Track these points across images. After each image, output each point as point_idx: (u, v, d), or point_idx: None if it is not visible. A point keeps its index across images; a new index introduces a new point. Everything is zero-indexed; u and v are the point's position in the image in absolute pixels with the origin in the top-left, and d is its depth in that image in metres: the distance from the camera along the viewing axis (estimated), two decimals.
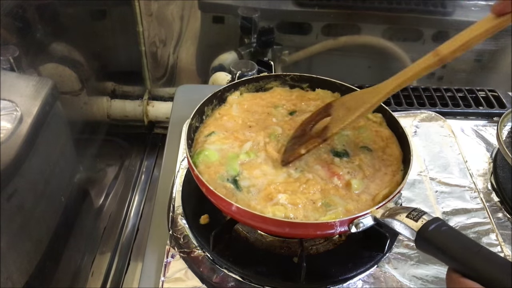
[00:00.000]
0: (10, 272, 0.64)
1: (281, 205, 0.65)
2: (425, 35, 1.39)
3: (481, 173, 0.93)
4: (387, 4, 1.35)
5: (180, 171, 0.87)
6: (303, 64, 1.47)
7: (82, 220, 0.95)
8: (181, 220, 0.78)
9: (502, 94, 1.14)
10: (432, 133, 1.00)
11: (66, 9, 0.93)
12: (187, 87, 1.15)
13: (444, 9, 1.34)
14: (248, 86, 0.87)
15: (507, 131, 0.94)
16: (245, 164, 0.72)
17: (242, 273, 0.70)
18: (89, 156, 1.03)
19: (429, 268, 0.72)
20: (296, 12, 1.37)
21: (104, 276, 1.03)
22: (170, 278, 0.70)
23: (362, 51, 1.44)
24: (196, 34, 1.44)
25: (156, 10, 1.36)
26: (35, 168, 0.72)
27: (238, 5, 1.35)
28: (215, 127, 0.79)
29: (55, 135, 0.81)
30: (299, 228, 0.64)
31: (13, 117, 0.65)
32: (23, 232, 0.69)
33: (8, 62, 0.68)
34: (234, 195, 0.67)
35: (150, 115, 1.45)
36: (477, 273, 0.50)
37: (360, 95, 0.72)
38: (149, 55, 1.45)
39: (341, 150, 0.75)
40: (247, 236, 0.75)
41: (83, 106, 1.00)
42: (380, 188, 0.69)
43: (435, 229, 0.55)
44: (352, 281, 0.70)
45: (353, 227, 0.61)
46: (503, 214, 0.84)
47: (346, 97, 0.75)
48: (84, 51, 1.00)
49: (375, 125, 0.80)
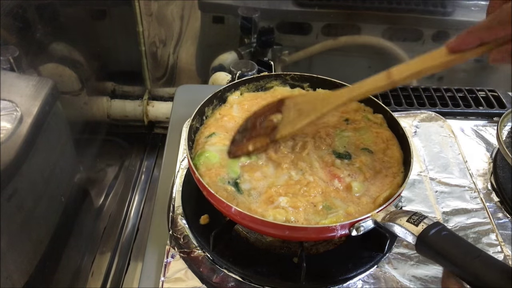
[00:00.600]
0: (10, 272, 0.64)
1: (282, 208, 0.65)
2: (425, 35, 1.39)
3: (481, 173, 0.93)
4: (387, 4, 1.35)
5: (180, 171, 0.87)
6: (303, 64, 1.47)
7: (82, 220, 0.95)
8: (181, 220, 0.78)
9: (502, 94, 1.14)
10: (432, 133, 1.00)
11: (66, 9, 0.93)
12: (187, 87, 1.15)
13: (444, 9, 1.35)
14: (248, 86, 0.87)
15: (507, 131, 0.94)
16: (246, 166, 0.72)
17: (242, 273, 0.70)
18: (89, 156, 1.03)
19: (429, 269, 0.72)
20: (296, 12, 1.37)
21: (104, 276, 1.03)
22: (170, 278, 0.70)
23: (362, 51, 1.44)
24: (196, 34, 1.44)
25: (156, 10, 1.36)
26: (35, 168, 0.72)
27: (238, 5, 1.35)
28: (216, 128, 0.79)
29: (55, 135, 0.81)
30: (300, 231, 0.64)
31: (13, 117, 0.65)
32: (23, 232, 0.69)
33: (8, 62, 0.68)
34: (235, 198, 0.67)
35: (150, 115, 1.45)
36: (477, 278, 0.50)
37: (313, 100, 0.71)
38: (149, 55, 1.45)
39: (343, 151, 0.75)
40: (247, 236, 0.75)
41: (83, 106, 1.00)
42: (381, 191, 0.69)
43: (435, 233, 0.55)
44: (352, 281, 0.70)
45: (353, 231, 0.62)
46: (503, 214, 0.84)
47: (299, 98, 0.74)
48: (84, 51, 1.00)
49: (376, 126, 0.80)
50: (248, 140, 0.72)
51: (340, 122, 0.81)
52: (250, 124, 0.75)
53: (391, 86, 0.64)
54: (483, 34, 0.54)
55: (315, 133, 0.77)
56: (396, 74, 0.62)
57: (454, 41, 0.56)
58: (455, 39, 0.56)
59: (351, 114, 0.82)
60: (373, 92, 0.66)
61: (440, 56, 0.58)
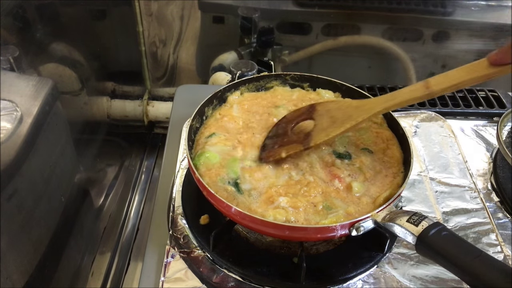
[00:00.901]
0: (10, 272, 0.64)
1: (282, 208, 0.65)
2: (425, 35, 1.39)
3: (481, 173, 0.93)
4: (387, 4, 1.35)
5: (180, 171, 0.87)
6: (303, 64, 1.48)
7: (82, 220, 0.95)
8: (181, 220, 0.78)
9: (502, 94, 1.14)
10: (432, 133, 1.00)
11: (66, 9, 0.93)
12: (187, 87, 1.15)
13: (444, 9, 1.35)
14: (248, 86, 0.87)
15: (507, 131, 0.94)
16: (246, 166, 0.72)
17: (242, 273, 0.70)
18: (89, 156, 1.03)
19: (429, 268, 0.72)
20: (296, 12, 1.37)
21: (104, 276, 1.03)
22: (170, 278, 0.70)
23: (362, 51, 1.44)
24: (196, 34, 1.44)
25: (156, 10, 1.36)
26: (35, 168, 0.72)
27: (238, 5, 1.35)
28: (216, 128, 0.79)
29: (55, 135, 0.81)
30: (300, 231, 0.64)
31: (13, 117, 0.65)
32: (23, 232, 0.69)
33: (8, 62, 0.68)
34: (235, 198, 0.67)
35: (150, 115, 1.45)
36: (477, 278, 0.50)
37: (347, 108, 0.71)
38: (149, 55, 1.45)
39: (343, 151, 0.75)
40: (247, 236, 0.75)
41: (83, 106, 1.00)
42: (381, 191, 0.69)
43: (435, 234, 0.55)
44: (352, 281, 0.70)
45: (353, 231, 0.62)
46: (503, 214, 0.84)
47: (331, 104, 0.75)
48: (84, 51, 1.00)
49: (376, 126, 0.80)
50: (280, 146, 0.72)
51: None
52: (281, 130, 0.75)
53: (429, 97, 0.63)
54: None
55: None
56: (435, 85, 0.61)
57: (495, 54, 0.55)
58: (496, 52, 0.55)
59: None
60: (409, 102, 0.65)
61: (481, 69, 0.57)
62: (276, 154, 0.71)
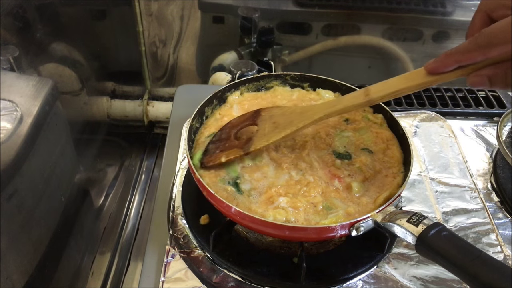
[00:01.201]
0: (10, 272, 0.64)
1: (282, 208, 0.65)
2: (425, 35, 1.39)
3: (481, 173, 0.93)
4: (387, 4, 1.35)
5: (180, 171, 0.87)
6: (303, 64, 1.48)
7: (82, 220, 0.95)
8: (181, 220, 0.78)
9: (502, 94, 1.14)
10: (432, 133, 1.00)
11: (66, 9, 0.93)
12: (187, 87, 1.15)
13: (444, 9, 1.35)
14: (248, 86, 0.87)
15: (507, 131, 0.94)
16: (245, 166, 0.72)
17: (242, 273, 0.70)
18: (89, 156, 1.03)
19: (429, 268, 0.72)
20: (296, 12, 1.37)
21: (104, 276, 1.03)
22: (170, 278, 0.70)
23: (362, 51, 1.44)
24: (196, 34, 1.44)
25: (156, 10, 1.36)
26: (35, 168, 0.72)
27: (238, 5, 1.35)
28: (216, 128, 0.79)
29: (55, 135, 0.81)
30: (300, 232, 0.64)
31: (13, 117, 0.65)
32: (23, 232, 0.69)
33: (8, 62, 0.68)
34: (235, 198, 0.67)
35: (150, 115, 1.45)
36: (477, 278, 0.50)
37: (290, 114, 0.71)
38: (149, 55, 1.45)
39: (343, 151, 0.75)
40: (247, 236, 0.75)
41: (83, 106, 1.00)
42: (381, 191, 0.69)
43: (435, 234, 0.55)
44: (352, 281, 0.70)
45: (353, 231, 0.62)
46: (503, 214, 0.84)
47: (276, 110, 0.75)
48: (84, 51, 1.00)
49: (376, 126, 0.80)
50: (221, 151, 0.71)
51: (340, 122, 0.80)
52: (224, 135, 0.75)
53: (369, 104, 0.65)
54: (461, 58, 0.54)
55: (315, 133, 0.77)
56: (374, 92, 0.64)
57: (432, 63, 0.57)
58: (433, 61, 0.57)
59: (351, 114, 0.82)
60: (351, 109, 0.67)
61: (419, 77, 0.59)
62: (216, 159, 0.71)
